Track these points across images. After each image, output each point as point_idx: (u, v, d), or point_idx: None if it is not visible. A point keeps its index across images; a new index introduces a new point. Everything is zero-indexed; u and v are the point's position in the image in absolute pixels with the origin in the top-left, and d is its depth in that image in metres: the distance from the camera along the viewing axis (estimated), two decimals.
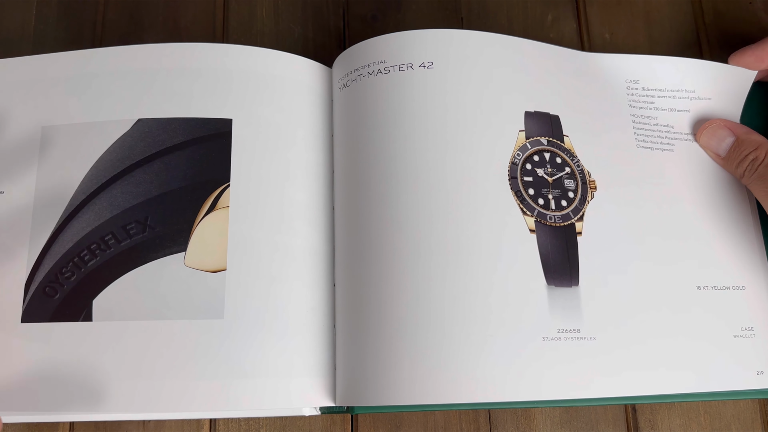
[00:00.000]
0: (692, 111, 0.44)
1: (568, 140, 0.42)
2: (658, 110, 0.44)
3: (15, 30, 0.49)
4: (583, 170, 0.41)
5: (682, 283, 0.41)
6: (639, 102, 0.44)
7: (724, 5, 0.50)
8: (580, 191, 0.41)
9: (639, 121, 0.44)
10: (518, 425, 0.42)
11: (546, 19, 0.50)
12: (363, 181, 0.40)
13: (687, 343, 0.39)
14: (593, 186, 0.41)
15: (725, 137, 0.43)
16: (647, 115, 0.44)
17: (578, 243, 0.40)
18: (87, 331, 0.38)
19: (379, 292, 0.38)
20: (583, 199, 0.41)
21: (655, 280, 0.40)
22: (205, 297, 0.38)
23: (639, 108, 0.44)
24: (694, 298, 0.40)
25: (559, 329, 0.38)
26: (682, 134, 0.44)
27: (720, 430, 0.42)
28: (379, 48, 0.42)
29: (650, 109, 0.44)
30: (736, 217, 0.43)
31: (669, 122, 0.44)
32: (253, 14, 0.50)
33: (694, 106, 0.44)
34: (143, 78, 0.42)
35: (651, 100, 0.44)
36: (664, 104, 0.44)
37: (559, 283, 0.39)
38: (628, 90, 0.44)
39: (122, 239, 0.39)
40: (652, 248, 0.41)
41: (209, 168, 0.40)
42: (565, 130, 0.42)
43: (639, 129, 0.43)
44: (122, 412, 0.38)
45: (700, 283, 0.41)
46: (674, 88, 0.45)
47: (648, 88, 0.45)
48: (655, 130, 0.44)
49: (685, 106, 0.44)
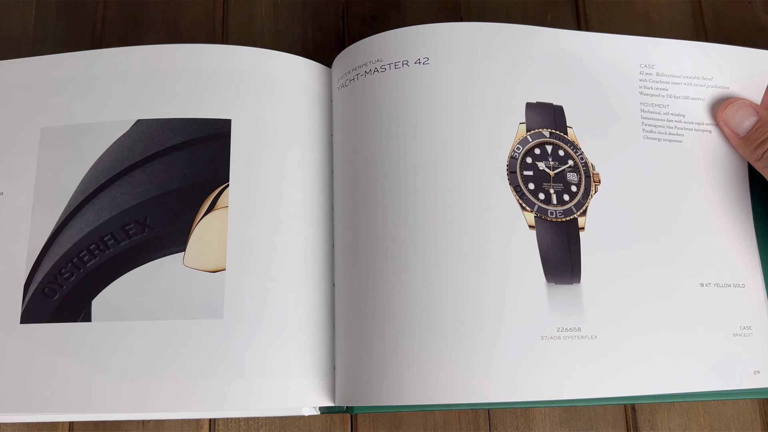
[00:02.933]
0: (706, 99, 0.43)
1: (572, 132, 0.41)
2: (671, 98, 0.43)
3: (15, 30, 0.49)
4: (586, 163, 0.40)
5: (686, 279, 0.40)
6: (651, 89, 0.43)
7: (724, 5, 0.50)
8: (583, 185, 0.40)
9: (648, 110, 0.42)
10: (518, 425, 0.42)
11: (546, 19, 0.50)
12: (362, 180, 0.40)
13: (689, 342, 0.39)
14: (597, 179, 0.40)
15: (749, 116, 0.42)
16: (658, 103, 0.43)
17: (581, 239, 0.39)
18: (86, 331, 0.38)
19: (378, 292, 0.38)
20: (587, 192, 0.40)
21: (659, 276, 0.39)
22: (204, 297, 0.38)
23: (650, 95, 0.43)
24: (697, 295, 0.40)
25: (558, 328, 0.37)
26: (693, 124, 0.43)
27: (720, 430, 0.42)
28: (375, 46, 0.42)
29: (662, 97, 0.43)
30: (738, 212, 0.42)
31: (680, 111, 0.43)
32: (253, 14, 0.50)
33: (709, 94, 0.43)
34: (142, 79, 0.42)
35: (664, 87, 0.43)
36: (677, 91, 0.43)
37: (560, 280, 0.38)
38: (641, 75, 0.43)
39: (121, 240, 0.39)
40: (656, 244, 0.40)
41: (208, 168, 0.40)
42: (570, 121, 0.41)
43: (648, 118, 0.42)
44: (122, 412, 0.38)
45: (703, 280, 0.40)
46: (691, 75, 0.43)
47: (663, 73, 0.43)
48: (664, 120, 0.42)
49: (700, 94, 0.43)
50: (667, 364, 0.38)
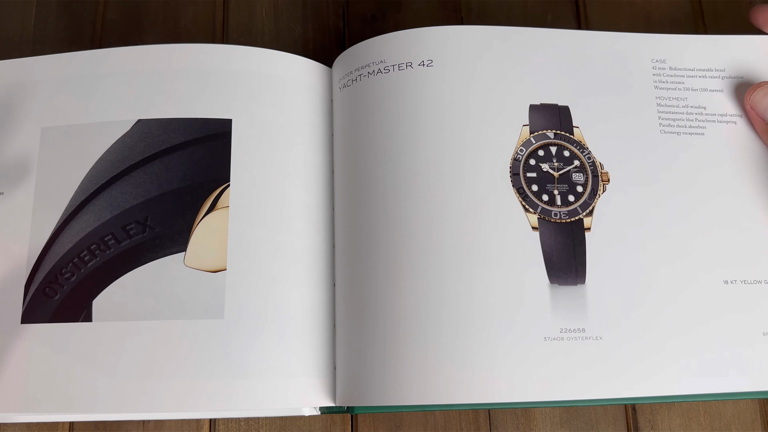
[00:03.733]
0: (725, 91, 0.42)
1: (578, 131, 0.40)
2: (689, 90, 0.42)
3: (15, 30, 0.49)
4: (594, 162, 0.40)
5: (706, 277, 0.38)
6: (666, 82, 0.42)
7: (724, 5, 0.50)
8: (590, 185, 0.39)
9: (665, 104, 0.41)
10: (518, 425, 0.42)
11: (546, 19, 0.50)
12: (364, 181, 0.40)
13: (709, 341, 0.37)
14: (606, 178, 0.40)
15: None
16: (676, 96, 0.42)
17: (587, 239, 0.38)
18: (87, 331, 0.38)
19: (379, 292, 0.38)
20: (594, 192, 0.39)
21: (674, 275, 0.38)
22: (205, 297, 0.38)
23: (666, 89, 0.42)
24: (719, 293, 0.38)
25: (561, 329, 0.37)
26: (715, 116, 0.42)
27: (720, 430, 0.42)
28: (378, 47, 0.42)
29: (679, 90, 0.42)
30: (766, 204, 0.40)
31: (701, 103, 0.42)
32: (253, 14, 0.50)
33: (727, 85, 0.42)
34: (143, 79, 0.42)
35: (680, 80, 0.42)
36: (694, 84, 0.42)
37: (564, 281, 0.38)
38: (654, 70, 0.42)
39: (122, 240, 0.39)
40: (672, 242, 0.39)
41: (209, 168, 0.40)
42: (576, 121, 0.41)
43: (665, 112, 0.41)
44: (122, 412, 0.38)
45: (727, 277, 0.39)
46: (704, 67, 0.43)
47: (676, 67, 0.42)
48: (684, 113, 0.41)
49: (718, 85, 0.42)
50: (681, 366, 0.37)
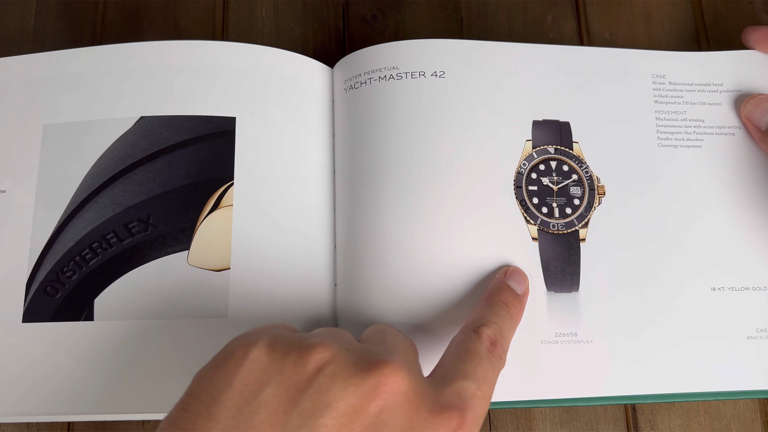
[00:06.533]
0: (724, 104, 0.44)
1: (578, 147, 0.42)
2: (688, 104, 0.43)
3: (15, 29, 0.49)
4: (591, 176, 0.41)
5: (694, 284, 0.40)
6: (666, 97, 0.43)
7: (724, 5, 0.50)
8: (586, 198, 0.41)
9: (664, 117, 0.43)
10: (518, 425, 0.42)
11: (546, 19, 0.50)
12: (367, 183, 0.40)
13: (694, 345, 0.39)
14: (601, 192, 0.41)
15: None
16: (675, 110, 0.43)
17: (582, 249, 0.40)
18: (88, 330, 0.38)
19: (380, 294, 0.38)
20: (590, 205, 0.41)
21: (663, 282, 0.40)
22: (208, 296, 0.38)
23: (665, 103, 0.43)
24: (706, 299, 0.40)
25: (556, 333, 0.39)
26: (713, 128, 0.43)
27: (720, 430, 0.42)
28: (392, 53, 0.42)
29: (679, 104, 0.43)
30: (762, 213, 0.42)
31: (700, 116, 0.43)
32: (253, 14, 0.50)
33: (725, 99, 0.44)
34: (145, 76, 0.42)
35: (680, 94, 0.44)
36: (693, 98, 0.44)
37: (559, 289, 0.40)
38: (654, 85, 0.44)
39: (124, 238, 0.39)
40: (662, 251, 0.41)
41: (213, 166, 0.40)
42: (576, 136, 0.42)
43: (663, 126, 0.43)
44: (123, 412, 0.38)
45: (715, 284, 0.40)
46: (703, 82, 0.44)
47: (676, 82, 0.44)
48: (682, 126, 0.43)
49: (717, 99, 0.44)
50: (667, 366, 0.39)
